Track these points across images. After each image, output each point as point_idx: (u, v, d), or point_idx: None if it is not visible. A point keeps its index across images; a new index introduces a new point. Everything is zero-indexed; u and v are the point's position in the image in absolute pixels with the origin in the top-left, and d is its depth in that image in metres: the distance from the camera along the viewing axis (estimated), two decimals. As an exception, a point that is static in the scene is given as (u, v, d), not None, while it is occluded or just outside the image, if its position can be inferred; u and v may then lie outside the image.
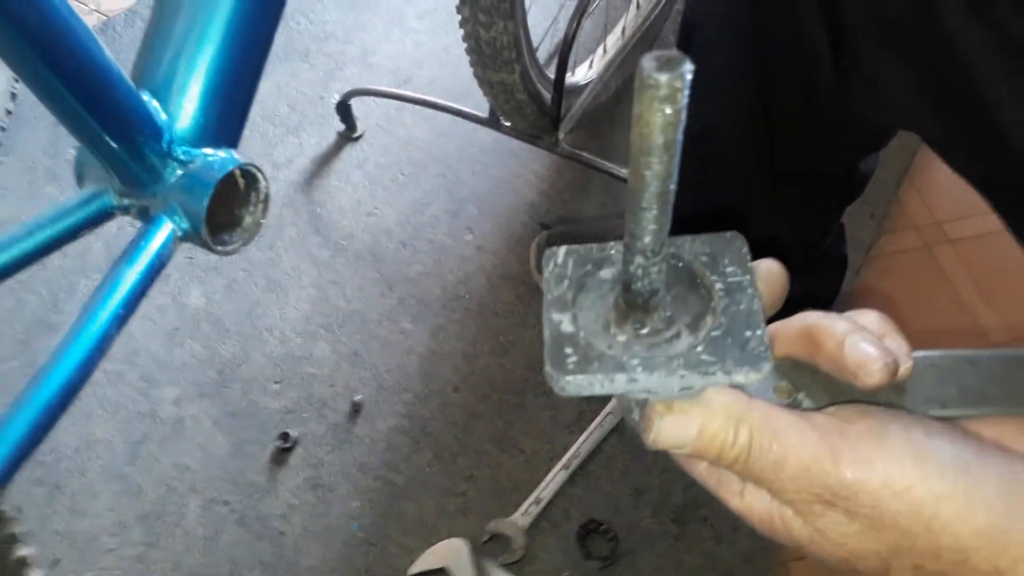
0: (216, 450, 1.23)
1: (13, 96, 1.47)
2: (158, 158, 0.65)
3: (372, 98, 1.52)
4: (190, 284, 1.37)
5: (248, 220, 0.71)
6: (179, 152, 0.66)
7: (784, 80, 0.80)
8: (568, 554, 1.14)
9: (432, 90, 1.48)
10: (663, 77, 0.26)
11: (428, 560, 1.11)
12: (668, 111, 0.27)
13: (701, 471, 0.40)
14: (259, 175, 0.70)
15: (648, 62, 0.26)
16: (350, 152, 1.51)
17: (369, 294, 1.36)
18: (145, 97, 0.66)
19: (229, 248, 0.69)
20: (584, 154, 1.32)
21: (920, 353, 0.39)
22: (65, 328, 0.62)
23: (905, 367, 0.37)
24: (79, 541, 1.17)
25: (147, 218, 0.66)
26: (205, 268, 1.39)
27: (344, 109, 1.47)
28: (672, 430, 0.35)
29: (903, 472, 0.34)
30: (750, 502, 0.39)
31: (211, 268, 1.39)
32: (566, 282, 0.37)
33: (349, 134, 1.51)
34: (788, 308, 0.40)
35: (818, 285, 1.10)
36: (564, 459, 1.19)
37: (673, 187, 0.30)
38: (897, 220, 1.42)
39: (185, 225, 0.65)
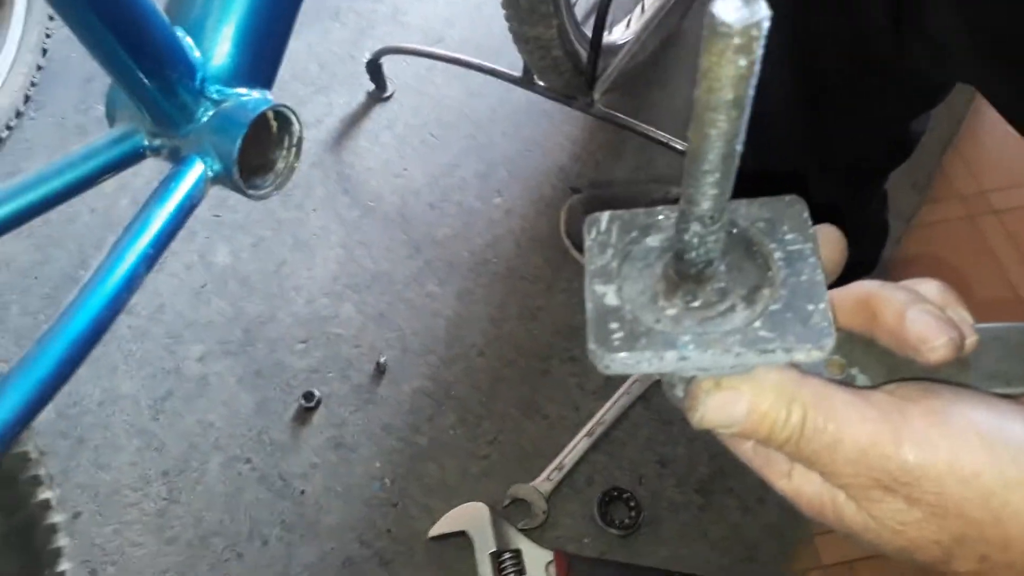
0: (240, 408, 1.23)
1: (44, 52, 1.46)
2: (191, 96, 0.63)
3: (403, 57, 1.49)
4: (217, 242, 1.37)
5: (281, 164, 0.69)
6: (212, 91, 0.64)
7: (833, 43, 0.76)
8: (589, 521, 1.13)
9: (464, 49, 1.45)
10: (738, 23, 0.23)
11: (449, 523, 1.11)
12: (742, 63, 0.24)
13: (746, 451, 0.38)
14: (292, 117, 0.68)
15: (720, 5, 0.23)
16: (380, 112, 1.49)
17: (396, 256, 1.35)
18: (179, 33, 0.64)
19: (261, 192, 0.68)
20: (620, 115, 1.29)
21: (983, 326, 0.37)
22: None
23: (970, 341, 0.35)
24: (101, 494, 1.17)
25: (178, 159, 0.65)
26: (232, 226, 1.38)
27: (374, 68, 1.45)
28: (720, 408, 0.33)
29: (971, 456, 0.32)
30: (799, 484, 0.36)
31: (238, 226, 1.38)
32: (610, 251, 0.34)
33: (379, 94, 1.49)
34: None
35: (860, 253, 1.07)
36: (588, 426, 1.17)
37: (739, 148, 0.28)
38: (940, 189, 1.38)
39: (217, 166, 0.64)
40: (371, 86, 1.48)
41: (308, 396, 1.22)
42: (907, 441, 0.32)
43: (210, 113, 0.64)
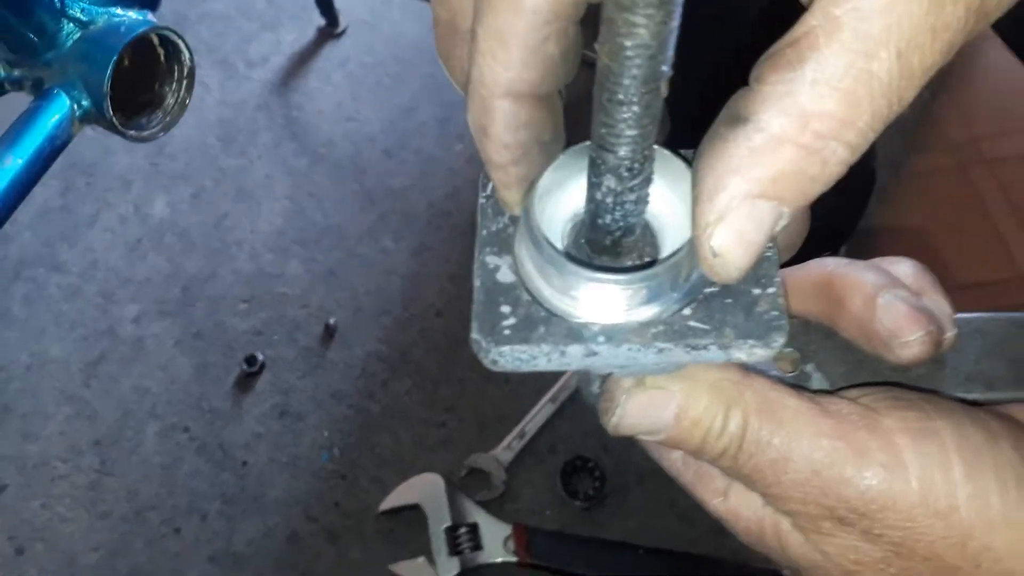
0: (178, 373, 1.14)
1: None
2: (50, 16, 0.53)
3: (356, -10, 1.38)
4: (154, 192, 1.26)
5: (170, 100, 0.59)
6: (76, 9, 0.54)
7: None
8: (551, 492, 1.06)
9: (422, -18, 1.34)
10: None
11: (401, 495, 1.04)
12: None
13: (674, 462, 0.32)
14: (181, 44, 0.57)
15: None
16: (331, 50, 1.38)
17: (348, 208, 1.25)
18: (35, -60, 0.54)
19: (145, 133, 0.58)
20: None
21: (962, 316, 0.31)
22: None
23: (949, 336, 0.29)
24: (28, 466, 1.09)
25: (41, 92, 0.54)
26: (171, 175, 1.27)
27: (325, 1, 1.34)
28: (643, 412, 0.28)
29: (950, 487, 0.26)
30: (736, 506, 0.31)
31: (178, 176, 1.27)
32: (507, 213, 0.28)
33: (331, 30, 1.38)
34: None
35: (842, 204, 0.99)
36: (552, 391, 1.10)
37: (667, 69, 0.21)
38: (929, 138, 1.29)
39: (86, 101, 0.54)
40: (322, 21, 1.38)
41: (251, 360, 1.13)
42: (871, 463, 0.27)
43: (75, 37, 0.54)
